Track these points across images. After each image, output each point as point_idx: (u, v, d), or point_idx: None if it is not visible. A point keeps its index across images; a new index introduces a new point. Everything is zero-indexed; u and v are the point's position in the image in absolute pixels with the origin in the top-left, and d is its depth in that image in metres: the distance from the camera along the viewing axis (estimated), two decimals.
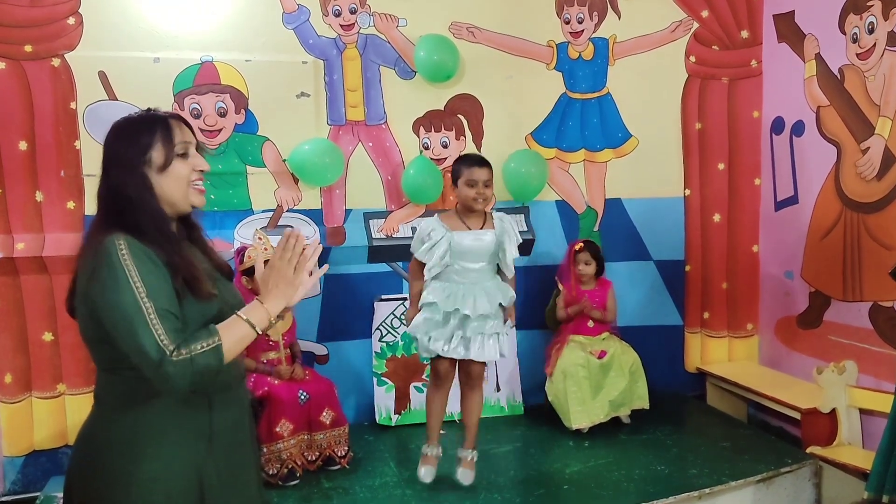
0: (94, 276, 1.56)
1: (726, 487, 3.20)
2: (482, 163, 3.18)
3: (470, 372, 3.26)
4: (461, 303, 3.09)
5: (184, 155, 1.70)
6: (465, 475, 3.23)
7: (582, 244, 4.08)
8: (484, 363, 3.24)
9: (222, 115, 3.87)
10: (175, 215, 1.73)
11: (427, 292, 3.16)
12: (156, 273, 1.57)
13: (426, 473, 3.25)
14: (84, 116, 3.63)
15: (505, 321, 3.23)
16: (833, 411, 3.56)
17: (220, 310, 1.68)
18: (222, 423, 1.69)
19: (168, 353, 1.51)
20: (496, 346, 3.18)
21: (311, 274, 1.70)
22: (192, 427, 1.65)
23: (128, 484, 1.59)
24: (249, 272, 3.43)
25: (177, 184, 1.68)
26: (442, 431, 3.86)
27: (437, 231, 3.14)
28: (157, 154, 1.66)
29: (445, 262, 3.12)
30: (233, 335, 1.58)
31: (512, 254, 3.17)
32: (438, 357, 3.19)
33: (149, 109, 1.74)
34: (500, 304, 3.18)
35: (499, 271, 3.27)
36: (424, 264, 3.16)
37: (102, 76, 3.65)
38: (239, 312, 1.62)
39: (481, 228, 3.18)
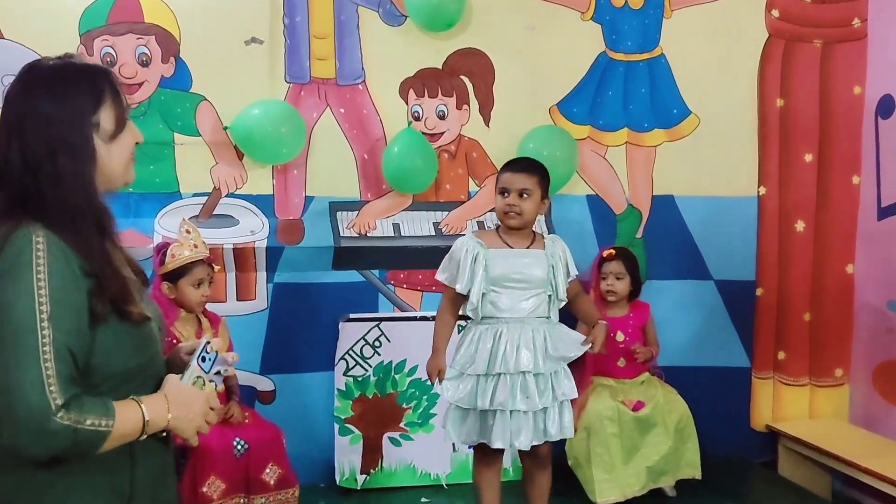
0: None
1: None
2: (523, 167, 3.27)
3: (536, 452, 3.29)
4: (499, 359, 3.16)
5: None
6: None
7: (614, 251, 4.06)
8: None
9: (144, 63, 3.87)
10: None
11: (456, 360, 3.26)
12: (72, 294, 1.57)
13: None
14: None
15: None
16: None
17: (152, 335, 1.77)
18: (145, 477, 1.72)
19: (53, 407, 1.49)
20: (557, 417, 3.23)
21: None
22: (107, 486, 1.66)
23: None
24: (172, 277, 3.45)
25: (123, 156, 1.73)
26: (424, 500, 4.01)
27: (470, 248, 3.22)
28: (106, 117, 1.69)
29: (482, 288, 3.20)
30: (125, 425, 1.60)
31: (563, 286, 3.26)
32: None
33: (69, 55, 1.74)
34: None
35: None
36: (459, 297, 3.26)
37: None
38: (141, 402, 1.64)
39: (528, 248, 3.27)
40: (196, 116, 3.97)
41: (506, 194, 3.22)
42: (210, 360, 1.81)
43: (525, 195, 3.21)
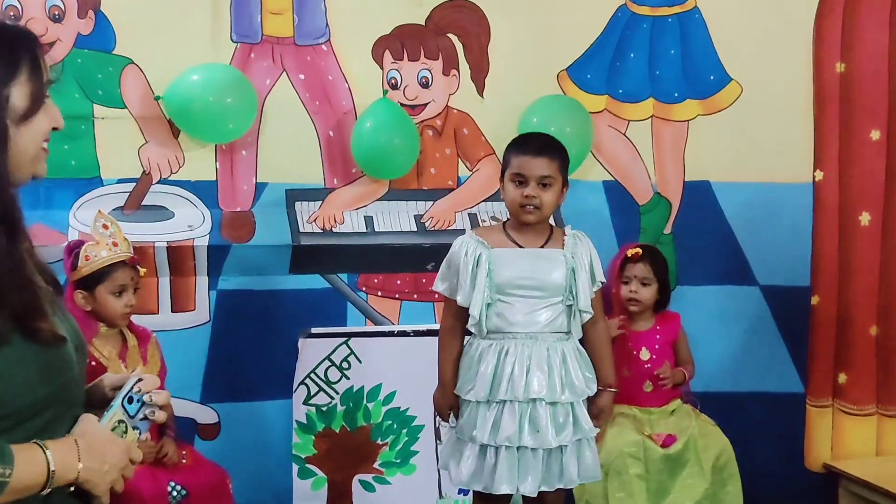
0: None
1: None
2: (543, 148, 3.16)
3: (543, 499, 3.23)
4: (504, 383, 3.09)
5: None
6: None
7: (640, 250, 3.99)
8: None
9: (56, 18, 3.81)
10: None
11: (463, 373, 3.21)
12: None
13: None
14: None
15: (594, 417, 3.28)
16: None
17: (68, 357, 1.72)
18: None
19: None
20: (575, 462, 3.17)
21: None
22: None
23: None
24: (88, 283, 3.31)
25: (34, 143, 1.70)
26: None
27: (471, 250, 3.15)
28: (19, 93, 1.65)
29: (487, 298, 3.15)
30: (26, 475, 1.56)
31: (586, 294, 3.18)
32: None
33: None
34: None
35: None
36: (464, 311, 3.18)
37: None
38: (46, 448, 1.61)
39: (542, 247, 3.18)
40: (121, 84, 3.90)
41: (522, 183, 3.11)
42: (138, 401, 1.78)
43: (546, 184, 3.11)
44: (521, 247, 3.17)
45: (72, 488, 1.65)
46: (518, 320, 3.11)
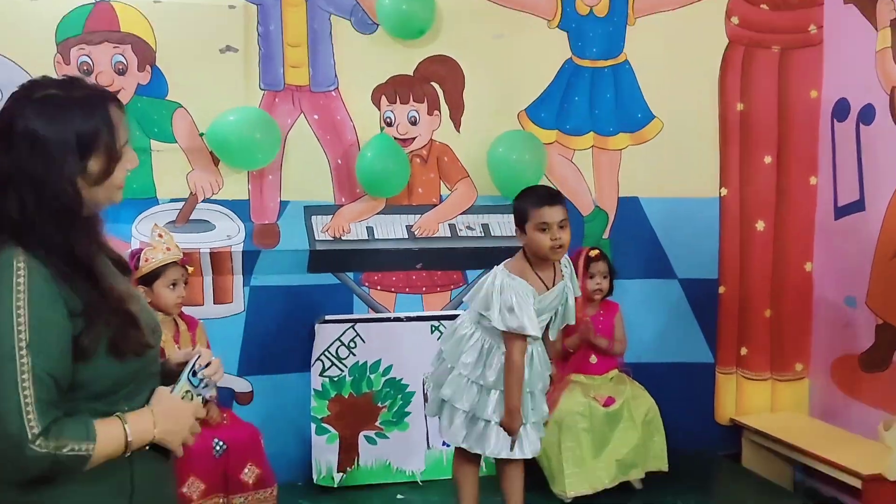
0: None
1: None
2: (554, 199, 3.10)
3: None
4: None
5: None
6: None
7: (598, 251, 3.98)
8: None
9: (121, 72, 3.77)
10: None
11: (463, 363, 3.12)
12: (52, 320, 1.51)
13: None
14: None
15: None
16: None
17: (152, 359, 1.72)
18: (145, 474, 1.68)
19: (29, 436, 1.47)
20: (537, 436, 3.17)
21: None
22: (111, 481, 1.63)
23: None
24: (148, 280, 3.31)
25: (110, 192, 1.66)
26: (399, 496, 3.90)
27: (527, 293, 3.02)
28: (96, 164, 1.58)
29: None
30: (107, 447, 1.56)
31: (572, 312, 3.23)
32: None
33: (71, 80, 1.65)
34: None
35: None
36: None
37: None
38: (125, 421, 1.59)
39: (554, 284, 3.12)
40: (172, 123, 3.87)
41: (546, 230, 3.03)
42: (200, 375, 1.78)
43: (563, 226, 3.06)
44: (548, 288, 3.08)
45: (147, 447, 1.64)
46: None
